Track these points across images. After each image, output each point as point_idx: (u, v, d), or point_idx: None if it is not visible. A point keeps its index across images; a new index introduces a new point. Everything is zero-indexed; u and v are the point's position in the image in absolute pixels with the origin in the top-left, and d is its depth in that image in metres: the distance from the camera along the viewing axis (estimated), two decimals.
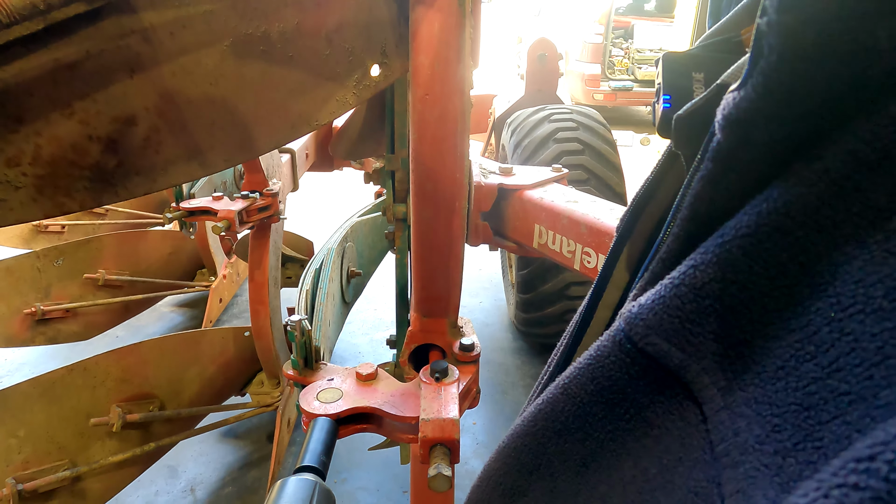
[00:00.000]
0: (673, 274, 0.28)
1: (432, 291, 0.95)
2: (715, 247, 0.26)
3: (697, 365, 0.27)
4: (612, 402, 0.32)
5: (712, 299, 0.26)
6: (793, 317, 0.24)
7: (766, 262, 0.25)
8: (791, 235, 0.24)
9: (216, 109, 0.66)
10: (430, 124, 0.78)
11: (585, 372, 0.33)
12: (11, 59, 0.49)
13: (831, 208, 0.23)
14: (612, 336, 0.31)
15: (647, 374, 0.30)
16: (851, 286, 0.22)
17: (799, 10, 0.21)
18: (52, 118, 0.54)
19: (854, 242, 0.22)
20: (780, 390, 0.24)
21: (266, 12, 0.66)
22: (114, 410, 1.76)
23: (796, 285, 0.24)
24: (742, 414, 0.25)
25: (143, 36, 0.57)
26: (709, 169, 0.27)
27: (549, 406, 0.36)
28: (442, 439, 0.82)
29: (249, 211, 1.87)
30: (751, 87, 0.23)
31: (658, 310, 0.28)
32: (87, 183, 0.59)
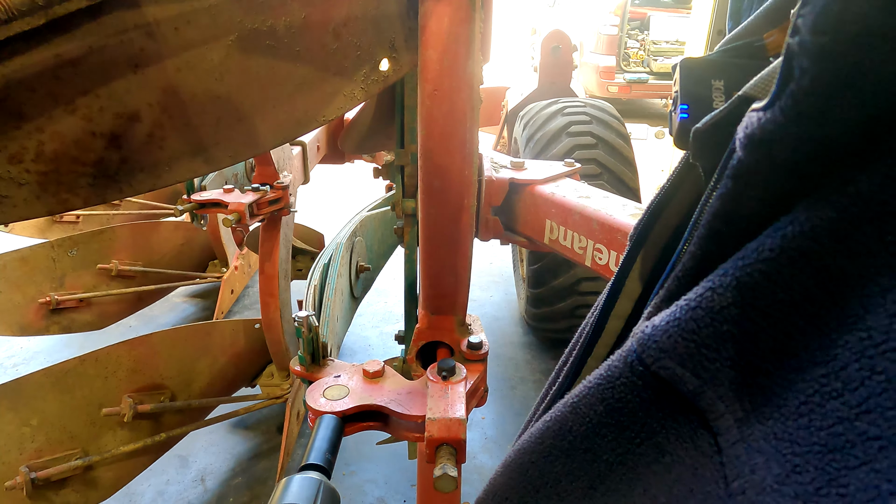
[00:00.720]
0: (689, 295, 0.27)
1: (440, 288, 0.94)
2: (735, 269, 0.25)
3: (713, 392, 0.26)
4: (622, 424, 0.31)
5: (731, 324, 0.25)
6: (819, 349, 0.22)
7: (791, 289, 0.23)
8: (818, 261, 0.22)
9: (221, 105, 0.65)
10: (439, 120, 0.77)
11: (595, 392, 0.32)
12: (12, 54, 0.48)
13: (864, 234, 0.21)
14: (624, 357, 0.30)
15: (659, 399, 0.29)
16: (885, 320, 0.20)
17: (837, 32, 0.19)
18: (55, 114, 0.53)
19: (889, 273, 0.20)
20: (803, 427, 0.22)
21: (272, 6, 0.65)
22: (125, 401, 1.78)
23: (823, 315, 0.22)
24: (760, 449, 0.24)
25: (147, 31, 0.56)
26: (728, 187, 0.26)
27: (557, 424, 0.35)
28: (448, 439, 0.81)
29: (260, 203, 1.88)
30: (778, 109, 0.22)
31: (672, 332, 0.27)
32: (91, 179, 0.58)
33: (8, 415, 1.59)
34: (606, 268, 1.55)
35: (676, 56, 7.70)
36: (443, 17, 0.73)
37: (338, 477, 2.16)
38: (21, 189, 0.55)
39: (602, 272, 1.56)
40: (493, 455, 2.30)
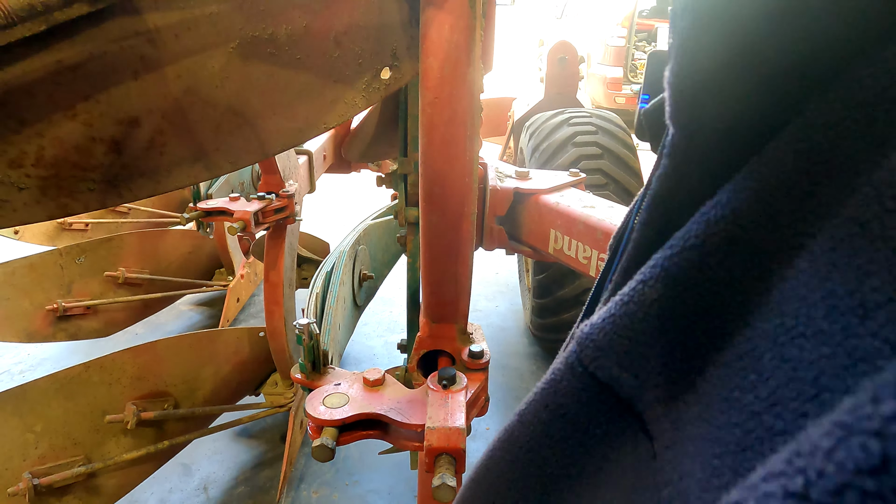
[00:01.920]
0: (623, 290, 0.25)
1: (441, 296, 0.94)
2: (663, 259, 0.23)
3: (650, 394, 0.25)
4: (565, 431, 0.29)
5: (662, 319, 0.24)
6: (742, 340, 0.21)
7: (716, 277, 0.22)
8: (741, 246, 0.21)
9: (221, 111, 0.65)
10: (439, 128, 0.77)
11: (540, 398, 0.30)
12: (13, 60, 0.48)
13: (778, 212, 0.20)
14: (566, 358, 0.28)
15: (599, 402, 0.27)
16: (795, 304, 0.19)
17: None
18: (55, 119, 0.54)
19: (801, 253, 0.19)
20: (723, 426, 0.20)
21: (273, 14, 0.66)
22: (129, 408, 1.78)
23: (747, 303, 0.21)
24: (688, 453, 0.22)
25: (148, 38, 0.57)
26: (665, 166, 0.24)
27: (506, 434, 0.34)
28: (447, 449, 0.80)
29: (265, 212, 1.88)
30: (673, 59, 0.21)
31: (608, 330, 0.26)
32: (92, 184, 0.59)
33: (12, 420, 1.60)
34: None
35: None
36: (444, 25, 0.74)
37: (341, 487, 2.15)
38: (21, 193, 0.55)
39: None
40: None
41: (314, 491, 2.14)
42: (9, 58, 0.48)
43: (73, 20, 0.50)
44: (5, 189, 0.54)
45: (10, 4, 0.41)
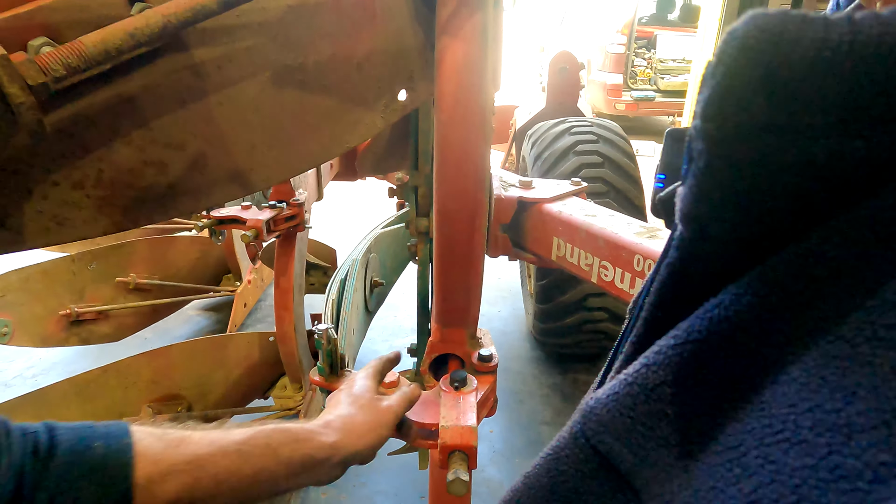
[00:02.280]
0: (628, 370, 0.27)
1: (453, 303, 1.00)
2: (668, 348, 0.25)
3: (648, 472, 0.26)
4: (566, 498, 0.31)
5: (663, 403, 0.25)
6: (732, 433, 0.22)
7: (714, 372, 0.24)
8: (740, 347, 0.23)
9: (256, 134, 0.71)
10: (454, 147, 0.83)
11: (544, 464, 0.32)
12: (81, 95, 0.54)
13: (777, 321, 0.22)
14: (570, 428, 0.30)
15: (599, 474, 0.29)
16: (784, 410, 0.20)
17: (723, 119, 0.20)
18: (114, 146, 0.59)
19: (795, 362, 0.21)
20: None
21: (303, 45, 0.72)
22: (145, 410, 1.83)
23: (740, 400, 0.23)
24: None
25: (194, 70, 0.63)
26: (673, 257, 0.26)
27: (513, 495, 0.35)
28: (460, 446, 0.85)
29: (276, 220, 1.94)
30: (686, 187, 0.23)
31: (612, 407, 0.27)
32: (141, 203, 0.65)
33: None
34: (612, 284, 1.60)
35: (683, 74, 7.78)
36: (458, 52, 0.79)
37: (348, 489, 2.20)
38: (81, 212, 0.61)
39: (608, 288, 1.61)
40: (500, 468, 2.33)
41: (322, 492, 2.19)
42: (78, 93, 0.54)
43: (133, 58, 0.56)
44: (68, 208, 0.60)
45: (87, 51, 0.47)
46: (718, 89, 0.20)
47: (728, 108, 0.19)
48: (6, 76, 0.42)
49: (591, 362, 3.00)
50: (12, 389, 2.77)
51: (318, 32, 0.73)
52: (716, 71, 0.20)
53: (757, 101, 0.19)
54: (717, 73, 0.20)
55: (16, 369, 2.92)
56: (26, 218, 0.58)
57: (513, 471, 2.31)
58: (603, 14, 8.37)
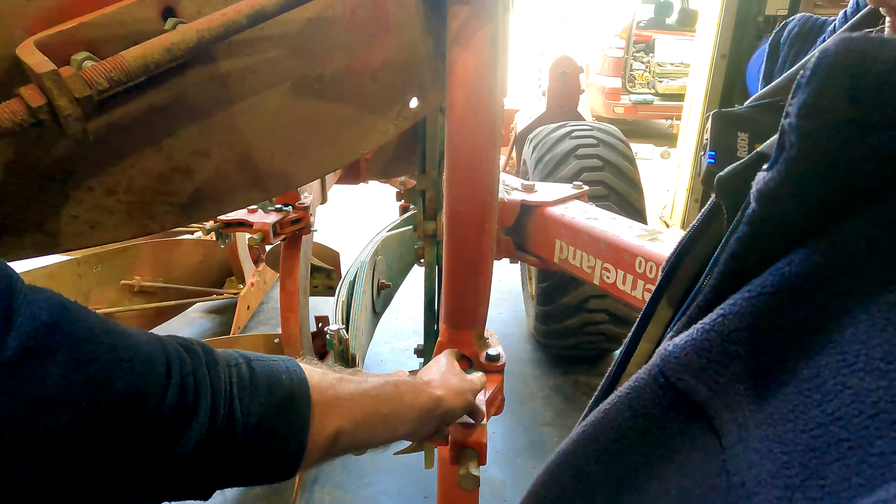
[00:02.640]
0: (704, 320, 0.32)
1: (462, 305, 1.03)
2: (743, 300, 0.30)
3: (720, 402, 0.31)
4: (645, 428, 0.36)
5: (737, 345, 0.30)
6: (805, 367, 0.27)
7: (785, 318, 0.28)
8: (808, 297, 0.28)
9: (276, 142, 0.74)
10: (464, 153, 0.86)
11: (624, 400, 0.37)
12: (117, 105, 0.57)
13: (844, 277, 0.27)
14: (649, 370, 0.35)
15: (676, 407, 0.34)
16: (856, 346, 0.25)
17: (815, 117, 0.25)
18: (145, 153, 0.62)
19: (861, 308, 0.26)
20: (790, 431, 0.26)
21: (321, 56, 0.75)
22: None
23: (809, 340, 0.27)
24: (756, 449, 0.28)
25: (220, 81, 0.66)
26: (744, 232, 0.31)
27: (591, 428, 0.40)
28: (471, 442, 0.88)
29: (283, 223, 1.97)
30: (776, 171, 0.28)
31: (689, 350, 0.32)
32: (168, 207, 0.67)
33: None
34: (614, 286, 1.63)
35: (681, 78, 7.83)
36: (468, 62, 0.83)
37: (353, 489, 2.22)
38: (112, 216, 0.64)
39: (610, 290, 1.64)
40: (503, 469, 2.36)
41: (327, 492, 2.21)
42: (114, 103, 0.57)
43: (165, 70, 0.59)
44: (101, 212, 0.63)
45: (129, 65, 0.50)
46: (812, 94, 0.25)
47: (819, 109, 0.25)
48: (56, 89, 0.45)
49: (592, 364, 3.03)
50: None
51: (336, 44, 0.76)
52: (810, 81, 0.25)
53: (843, 104, 0.24)
54: (812, 82, 0.25)
55: None
56: (62, 222, 0.60)
57: (515, 471, 2.34)
58: (601, 18, 8.43)
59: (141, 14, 0.56)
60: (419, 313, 3.45)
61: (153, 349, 0.54)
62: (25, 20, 0.50)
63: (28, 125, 0.46)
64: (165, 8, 0.58)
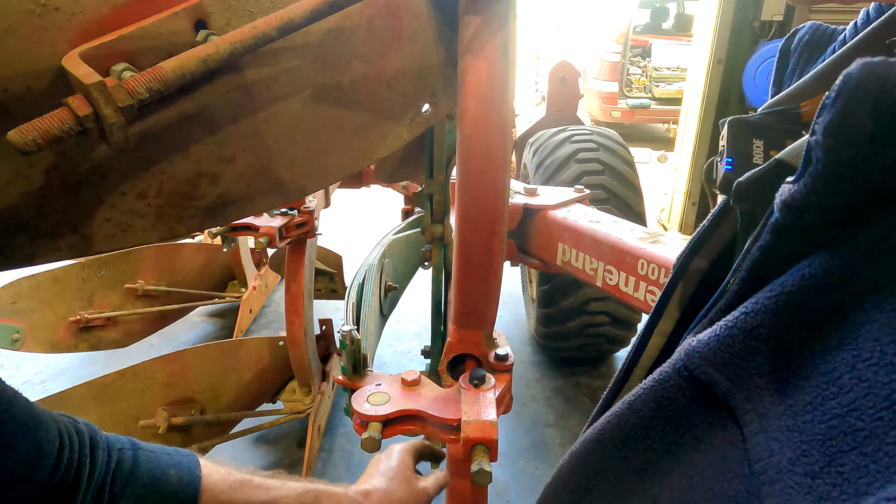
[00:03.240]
0: (728, 317, 0.34)
1: (471, 306, 1.05)
2: (765, 299, 0.32)
3: (741, 394, 0.33)
4: (668, 419, 0.38)
5: (758, 341, 0.32)
6: (822, 362, 0.29)
7: (805, 316, 0.30)
8: (826, 297, 0.30)
9: (297, 147, 0.77)
10: (475, 158, 0.88)
11: (649, 392, 0.39)
12: (151, 113, 0.60)
13: (860, 278, 0.29)
14: (673, 364, 0.37)
15: (699, 398, 0.36)
16: (871, 343, 0.27)
17: (839, 135, 0.27)
18: (174, 159, 0.65)
19: (876, 308, 0.28)
20: (808, 422, 0.28)
21: (339, 65, 0.77)
22: (160, 413, 1.87)
23: (827, 337, 0.29)
24: (776, 438, 0.30)
25: (245, 90, 0.68)
26: (767, 240, 0.33)
27: (616, 419, 0.42)
28: (482, 439, 0.91)
29: (288, 227, 2.00)
30: (802, 185, 0.30)
31: (713, 345, 0.34)
32: (194, 211, 0.70)
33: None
34: (616, 288, 1.66)
35: (677, 82, 7.89)
36: (481, 70, 0.85)
37: None
38: (142, 220, 0.66)
39: (612, 292, 1.67)
40: (506, 469, 2.38)
41: None
42: (148, 111, 0.59)
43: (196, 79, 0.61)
44: (131, 216, 0.65)
45: (167, 76, 0.52)
46: (837, 115, 0.27)
47: (844, 128, 0.27)
48: (102, 99, 0.48)
49: (592, 365, 3.06)
50: None
51: (353, 53, 0.79)
52: (836, 102, 0.27)
53: (866, 122, 0.26)
54: (837, 104, 0.27)
55: (24, 375, 2.95)
56: (96, 225, 0.63)
57: (518, 472, 2.36)
58: (598, 23, 8.49)
59: (175, 26, 0.58)
60: (421, 316, 3.49)
61: (49, 422, 0.54)
62: (69, 33, 0.53)
63: (74, 133, 0.49)
64: (197, 20, 0.60)
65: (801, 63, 0.56)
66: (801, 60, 0.56)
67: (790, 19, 4.13)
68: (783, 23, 4.17)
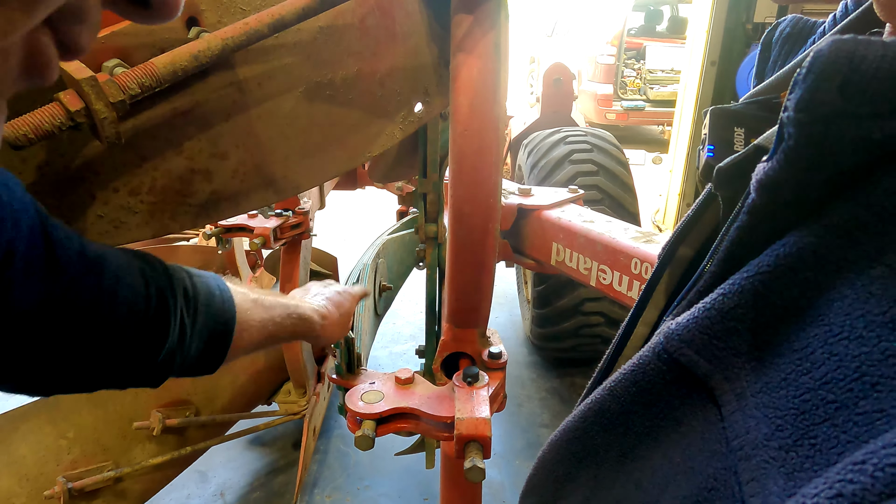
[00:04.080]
0: (706, 299, 0.35)
1: (465, 303, 1.05)
2: (741, 280, 0.32)
3: (720, 374, 0.33)
4: (649, 402, 0.39)
5: (736, 322, 0.33)
6: (797, 339, 0.30)
7: (780, 295, 0.31)
8: (800, 275, 0.30)
9: (289, 145, 0.77)
10: (468, 156, 0.89)
11: (629, 377, 0.39)
12: (144, 109, 0.60)
13: (833, 255, 0.29)
14: (653, 348, 0.37)
15: (678, 380, 0.36)
16: (841, 318, 0.28)
17: (810, 110, 0.28)
18: (167, 155, 0.65)
19: (847, 284, 0.28)
20: (783, 397, 0.29)
21: (333, 62, 0.78)
22: (154, 415, 1.87)
23: (801, 315, 0.30)
24: (752, 415, 0.30)
25: (238, 87, 0.68)
26: (744, 221, 0.34)
27: (597, 405, 0.43)
28: (476, 436, 0.91)
29: (283, 228, 1.99)
30: (775, 161, 0.30)
31: (691, 327, 0.35)
32: (187, 208, 0.70)
33: (46, 427, 1.69)
34: (610, 287, 1.66)
35: (672, 84, 7.92)
36: (473, 68, 0.86)
37: (353, 491, 2.24)
38: (135, 216, 0.66)
39: (607, 291, 1.67)
40: (501, 470, 2.38)
41: (327, 495, 2.22)
42: (141, 108, 0.60)
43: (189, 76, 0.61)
44: (124, 213, 0.65)
45: (159, 71, 0.53)
46: (808, 90, 0.28)
47: (815, 103, 0.27)
48: (94, 94, 0.48)
49: (588, 365, 3.06)
50: (14, 398, 2.78)
51: (346, 51, 0.79)
52: (806, 78, 0.28)
53: (836, 97, 0.27)
54: (808, 79, 0.28)
55: None
56: (88, 222, 0.63)
57: (513, 472, 2.36)
58: (592, 25, 8.52)
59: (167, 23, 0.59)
60: (417, 318, 3.48)
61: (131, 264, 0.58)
62: None
63: (66, 128, 0.49)
64: (189, 17, 0.60)
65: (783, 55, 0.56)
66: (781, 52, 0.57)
67: None
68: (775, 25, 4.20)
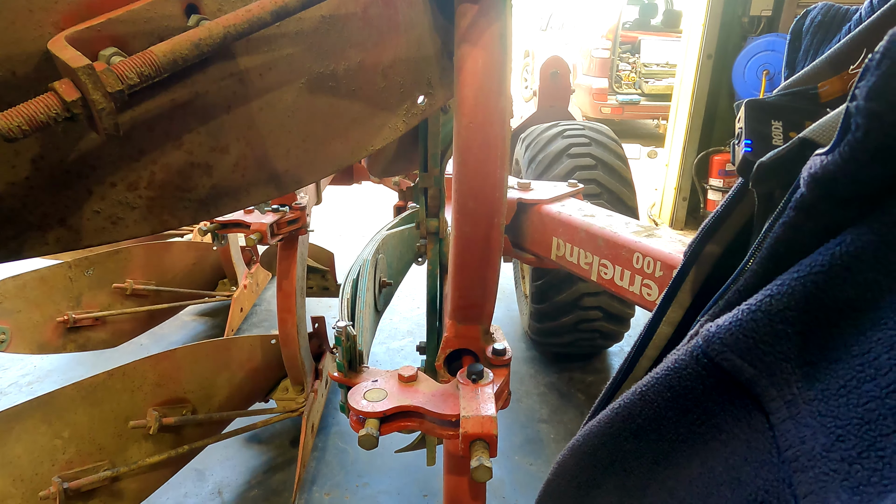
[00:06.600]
0: (750, 301, 0.33)
1: (469, 300, 1.04)
2: (791, 280, 0.31)
3: (766, 380, 0.32)
4: (685, 408, 0.37)
5: (785, 325, 0.31)
6: (856, 344, 0.28)
7: (836, 297, 0.29)
8: (859, 275, 0.28)
9: (291, 138, 0.75)
10: (474, 149, 0.87)
11: (663, 381, 0.38)
12: (141, 100, 0.58)
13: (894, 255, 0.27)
14: (691, 351, 0.36)
15: (719, 386, 0.35)
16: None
17: (882, 100, 0.26)
18: (166, 149, 0.63)
19: None
20: (843, 406, 0.27)
21: (335, 53, 0.76)
22: (151, 413, 1.84)
23: (861, 317, 0.28)
24: (807, 424, 0.29)
25: (239, 78, 0.66)
26: (791, 216, 0.32)
27: (626, 410, 0.41)
28: (482, 434, 0.89)
29: (280, 224, 1.97)
30: (838, 154, 0.28)
31: (735, 331, 0.33)
32: (188, 203, 0.68)
33: (41, 427, 1.66)
34: (612, 282, 1.65)
35: (667, 78, 7.92)
36: (477, 59, 0.84)
37: (352, 489, 2.22)
38: (133, 212, 0.64)
39: (608, 286, 1.66)
40: (501, 466, 2.37)
41: (326, 493, 2.21)
42: (138, 99, 0.57)
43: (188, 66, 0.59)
44: (122, 208, 0.63)
45: (158, 60, 0.50)
46: (883, 77, 0.25)
47: (889, 91, 0.25)
48: (91, 84, 0.46)
49: (586, 361, 3.06)
50: (8, 397, 2.75)
51: (348, 41, 0.77)
52: (881, 63, 0.26)
53: None
54: (883, 65, 0.25)
55: (11, 377, 2.90)
56: (85, 217, 0.61)
57: (513, 468, 2.35)
58: (587, 19, 8.49)
59: (166, 10, 0.56)
60: (413, 314, 3.47)
61: None
62: (55, 16, 0.51)
63: (61, 119, 0.47)
64: (189, 4, 0.58)
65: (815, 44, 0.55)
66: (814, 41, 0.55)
67: (778, 14, 4.16)
68: (771, 18, 4.19)
